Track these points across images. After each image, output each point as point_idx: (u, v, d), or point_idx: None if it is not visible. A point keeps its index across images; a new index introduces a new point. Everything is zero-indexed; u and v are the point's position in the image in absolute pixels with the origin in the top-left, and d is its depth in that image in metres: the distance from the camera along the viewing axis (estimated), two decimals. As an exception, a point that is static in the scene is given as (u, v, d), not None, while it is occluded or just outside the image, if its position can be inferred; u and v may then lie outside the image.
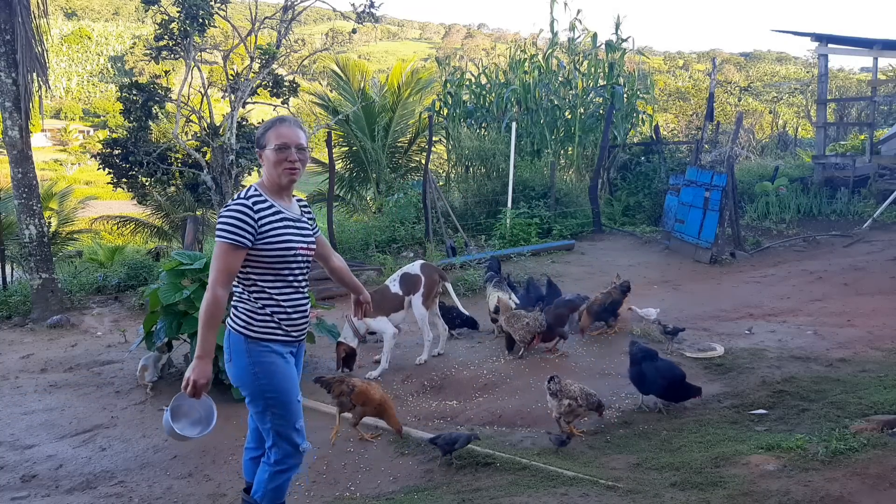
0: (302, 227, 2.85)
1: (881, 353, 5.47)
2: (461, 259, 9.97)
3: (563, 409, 4.14)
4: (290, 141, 2.73)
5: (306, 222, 2.92)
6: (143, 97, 8.93)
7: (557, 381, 4.21)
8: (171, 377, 5.76)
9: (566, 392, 4.17)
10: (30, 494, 4.00)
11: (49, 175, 33.09)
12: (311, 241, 2.90)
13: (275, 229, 2.72)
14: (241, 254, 2.67)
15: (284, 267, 2.76)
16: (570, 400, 4.15)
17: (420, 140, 16.18)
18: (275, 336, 2.78)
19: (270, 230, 2.71)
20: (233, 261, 2.66)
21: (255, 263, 2.72)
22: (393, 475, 3.94)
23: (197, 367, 2.63)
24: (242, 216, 2.66)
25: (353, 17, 9.64)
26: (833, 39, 14.22)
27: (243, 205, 2.68)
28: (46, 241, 8.62)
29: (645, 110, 16.23)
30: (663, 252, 10.73)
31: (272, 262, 2.73)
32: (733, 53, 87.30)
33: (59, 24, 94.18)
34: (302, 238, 2.82)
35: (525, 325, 5.71)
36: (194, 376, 2.63)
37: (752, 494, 3.07)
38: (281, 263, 2.74)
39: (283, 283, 2.78)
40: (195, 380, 2.63)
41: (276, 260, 2.73)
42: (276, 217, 2.74)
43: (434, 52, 73.94)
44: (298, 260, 2.80)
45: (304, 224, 2.88)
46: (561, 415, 4.17)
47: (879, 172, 13.16)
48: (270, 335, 2.77)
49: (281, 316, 2.78)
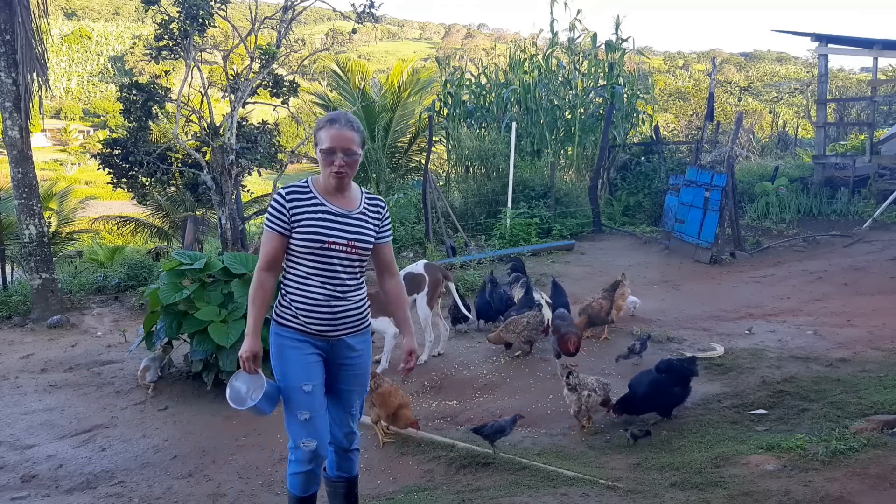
0: (348, 224, 2.76)
1: (881, 353, 5.47)
2: (461, 259, 9.97)
3: (583, 401, 4.15)
4: (337, 145, 2.68)
5: (361, 221, 2.80)
6: (143, 97, 8.92)
7: (576, 375, 4.24)
8: (172, 377, 5.76)
9: (585, 384, 4.19)
10: (30, 494, 4.00)
11: (49, 175, 33.06)
12: (356, 238, 2.76)
13: (307, 219, 2.71)
14: (278, 239, 2.74)
15: (312, 258, 2.73)
16: (590, 391, 4.17)
17: (420, 140, 16.19)
18: (291, 324, 2.80)
19: (303, 220, 2.72)
20: (270, 245, 2.75)
21: (290, 252, 2.77)
22: (393, 475, 3.94)
23: (244, 344, 2.76)
24: (276, 204, 2.75)
25: (353, 17, 9.63)
26: (833, 39, 14.21)
27: (279, 194, 2.77)
28: (46, 241, 8.61)
29: (645, 110, 16.23)
30: (663, 252, 10.73)
31: (299, 251, 2.73)
32: (733, 53, 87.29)
33: (59, 24, 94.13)
34: (340, 233, 2.74)
35: (525, 325, 5.72)
36: (240, 352, 2.76)
37: (752, 494, 3.07)
38: (308, 254, 2.73)
39: (311, 274, 2.75)
40: (240, 355, 2.76)
41: (303, 249, 2.72)
42: (314, 209, 2.73)
43: (434, 52, 73.92)
44: (328, 254, 2.73)
45: (353, 221, 2.77)
46: (581, 408, 4.18)
47: (879, 172, 13.16)
48: (287, 322, 2.80)
49: (301, 307, 2.76)
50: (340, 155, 2.69)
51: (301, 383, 2.76)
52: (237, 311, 5.23)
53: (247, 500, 3.85)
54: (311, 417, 2.77)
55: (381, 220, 2.88)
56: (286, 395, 2.80)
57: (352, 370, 2.91)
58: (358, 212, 2.81)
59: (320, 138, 2.72)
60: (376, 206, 2.89)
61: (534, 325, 5.73)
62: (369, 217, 2.84)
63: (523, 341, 5.79)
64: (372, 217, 2.85)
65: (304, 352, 2.79)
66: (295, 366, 2.78)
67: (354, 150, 2.72)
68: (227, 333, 5.09)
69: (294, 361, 2.78)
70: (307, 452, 2.77)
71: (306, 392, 2.77)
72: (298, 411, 2.77)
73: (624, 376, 4.83)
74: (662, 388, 4.25)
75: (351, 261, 2.78)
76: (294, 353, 2.78)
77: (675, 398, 4.30)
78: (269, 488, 3.97)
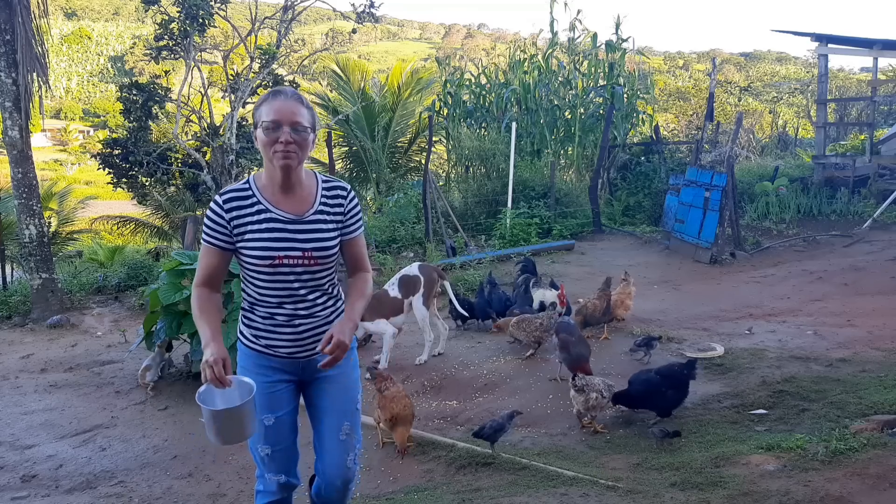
0: (302, 231, 2.31)
1: (881, 353, 5.47)
2: (461, 259, 9.97)
3: (590, 402, 4.16)
4: (282, 118, 2.20)
5: (318, 223, 2.35)
6: (143, 97, 8.94)
7: (582, 377, 4.25)
8: (171, 377, 5.76)
9: (592, 386, 4.20)
10: (30, 494, 4.00)
11: (49, 175, 33.04)
12: (313, 248, 2.32)
13: (250, 231, 2.28)
14: (218, 255, 2.32)
15: (264, 277, 2.32)
16: (597, 393, 4.18)
17: (420, 140, 16.20)
18: (252, 346, 2.43)
19: (245, 233, 2.29)
20: (207, 261, 2.33)
21: (241, 267, 2.38)
22: (393, 475, 3.94)
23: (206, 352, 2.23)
24: (213, 214, 2.30)
25: (353, 17, 9.64)
26: (833, 39, 14.22)
27: (215, 202, 2.31)
28: (46, 241, 8.62)
29: (645, 110, 16.24)
30: (663, 252, 10.73)
31: (248, 269, 2.34)
32: (733, 53, 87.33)
33: (59, 24, 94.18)
34: (292, 243, 2.29)
35: (539, 326, 5.72)
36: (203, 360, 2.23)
37: (752, 494, 3.07)
38: (257, 273, 2.31)
39: (266, 294, 2.35)
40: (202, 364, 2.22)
41: (251, 268, 2.32)
42: (258, 217, 2.29)
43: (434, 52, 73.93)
44: (282, 271, 2.30)
45: (307, 227, 2.32)
46: (587, 409, 4.18)
47: (879, 172, 13.15)
48: (249, 344, 2.44)
49: (260, 330, 2.39)
50: (287, 129, 2.21)
51: (262, 415, 2.38)
52: (237, 311, 5.22)
53: (247, 500, 3.85)
54: (273, 452, 2.45)
55: (344, 213, 2.41)
56: None
57: (335, 381, 2.49)
58: (313, 212, 2.34)
59: (261, 114, 2.24)
60: (336, 197, 2.40)
61: (547, 326, 5.71)
62: (329, 214, 2.37)
63: (532, 341, 5.78)
64: (332, 213, 2.38)
65: (268, 378, 2.41)
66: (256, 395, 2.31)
67: (303, 125, 2.24)
68: (226, 333, 5.08)
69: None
70: (275, 483, 2.49)
71: (267, 425, 2.41)
72: (259, 446, 2.45)
73: (624, 375, 4.82)
74: (655, 389, 4.29)
75: (311, 273, 2.35)
76: (255, 379, 2.32)
77: (669, 401, 4.32)
78: (269, 488, 3.97)
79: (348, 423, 2.50)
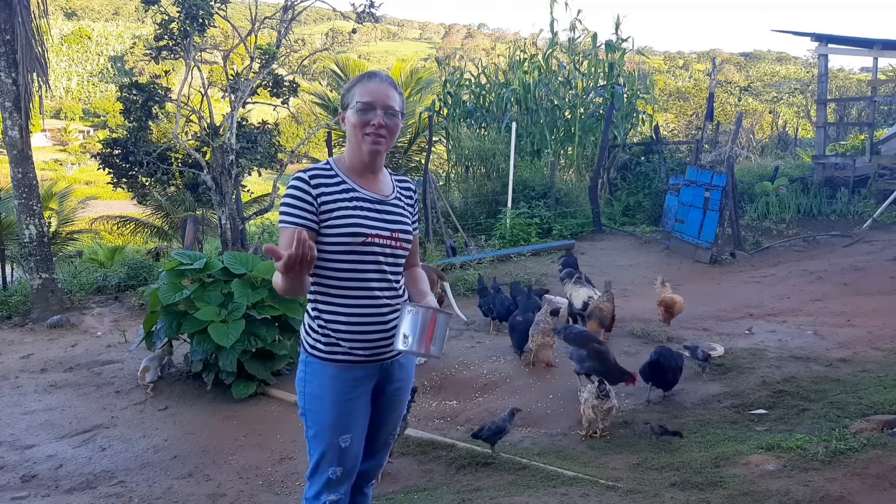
0: (388, 212, 2.22)
1: (881, 353, 5.47)
2: (461, 259, 9.97)
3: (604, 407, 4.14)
4: (376, 100, 2.13)
5: (399, 208, 2.27)
6: (143, 97, 8.92)
7: (605, 383, 4.20)
8: (172, 377, 5.76)
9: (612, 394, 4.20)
10: (30, 494, 4.00)
11: (49, 175, 33.04)
12: (399, 229, 2.23)
13: (340, 209, 2.14)
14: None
15: (352, 259, 2.15)
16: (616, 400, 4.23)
17: (420, 140, 16.19)
18: (330, 357, 2.19)
19: (334, 210, 2.14)
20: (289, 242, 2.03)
21: (319, 254, 2.13)
22: (393, 475, 3.94)
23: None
24: (297, 191, 2.13)
25: (353, 17, 9.63)
26: (833, 39, 14.22)
27: (299, 178, 2.15)
28: (46, 241, 8.61)
29: (645, 110, 16.25)
30: (663, 252, 10.73)
31: (334, 251, 2.15)
32: (733, 53, 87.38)
33: (59, 24, 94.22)
34: (380, 224, 2.19)
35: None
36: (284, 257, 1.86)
37: (752, 494, 3.07)
38: (346, 253, 2.15)
39: (353, 280, 2.17)
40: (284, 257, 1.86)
41: (340, 248, 2.14)
42: (346, 196, 2.17)
43: (434, 52, 73.95)
44: (373, 251, 2.16)
45: (391, 208, 2.24)
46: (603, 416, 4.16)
47: (879, 172, 13.16)
48: (325, 355, 2.20)
49: (343, 330, 2.17)
50: (380, 112, 2.13)
51: (339, 437, 2.20)
52: (237, 311, 5.23)
53: (247, 500, 3.85)
54: (344, 472, 2.24)
55: (413, 208, 2.36)
56: (316, 445, 2.23)
57: (398, 394, 2.37)
58: (394, 197, 2.28)
59: (353, 95, 2.16)
60: (407, 189, 2.37)
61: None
62: (405, 204, 2.32)
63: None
64: (406, 204, 2.33)
65: (349, 395, 2.20)
66: (334, 415, 2.19)
67: (396, 110, 2.17)
68: (226, 333, 5.09)
69: (333, 409, 2.19)
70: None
71: (343, 448, 2.21)
72: (331, 468, 2.22)
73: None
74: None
75: (396, 258, 2.24)
76: (334, 397, 2.18)
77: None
78: (268, 488, 3.97)
79: (396, 428, 2.50)
